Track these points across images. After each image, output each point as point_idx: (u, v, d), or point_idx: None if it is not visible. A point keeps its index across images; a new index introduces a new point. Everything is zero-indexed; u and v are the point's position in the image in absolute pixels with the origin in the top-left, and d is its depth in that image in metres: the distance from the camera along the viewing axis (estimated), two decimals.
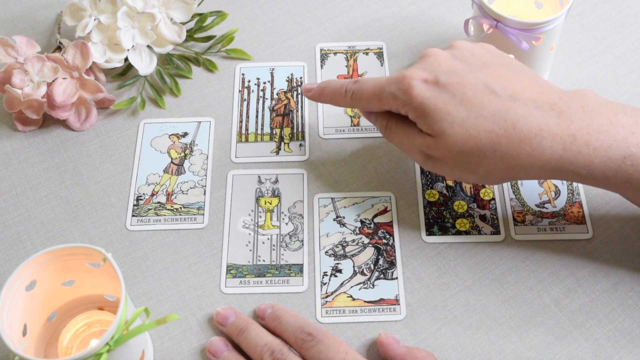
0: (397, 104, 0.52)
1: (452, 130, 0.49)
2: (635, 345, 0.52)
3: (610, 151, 0.47)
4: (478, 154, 0.49)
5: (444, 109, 0.49)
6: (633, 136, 0.47)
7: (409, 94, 0.50)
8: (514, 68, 0.51)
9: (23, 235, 0.58)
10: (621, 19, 0.70)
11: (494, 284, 0.55)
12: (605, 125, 0.47)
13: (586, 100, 0.49)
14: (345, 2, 0.73)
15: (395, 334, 0.53)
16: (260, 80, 0.67)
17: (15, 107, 0.63)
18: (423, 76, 0.51)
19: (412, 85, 0.50)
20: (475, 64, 0.52)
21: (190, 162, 0.62)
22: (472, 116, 0.49)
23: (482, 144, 0.49)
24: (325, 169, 0.61)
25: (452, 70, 0.51)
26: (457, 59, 0.52)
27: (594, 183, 0.49)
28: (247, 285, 0.55)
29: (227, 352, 0.51)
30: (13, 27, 0.72)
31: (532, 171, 0.49)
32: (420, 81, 0.51)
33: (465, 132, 0.49)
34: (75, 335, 0.51)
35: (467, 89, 0.49)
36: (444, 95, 0.50)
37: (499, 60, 0.52)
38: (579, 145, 0.47)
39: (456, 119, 0.49)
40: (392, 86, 0.52)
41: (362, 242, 0.57)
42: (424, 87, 0.50)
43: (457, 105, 0.49)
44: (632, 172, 0.47)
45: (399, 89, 0.51)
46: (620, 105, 0.49)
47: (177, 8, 0.67)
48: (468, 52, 0.53)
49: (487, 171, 0.50)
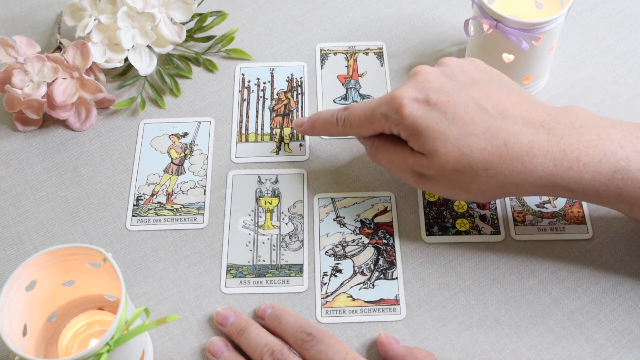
0: (389, 125, 0.52)
1: (444, 149, 0.49)
2: (635, 345, 0.52)
3: (600, 166, 0.47)
4: (470, 172, 0.49)
5: (436, 127, 0.49)
6: (622, 150, 0.47)
7: (400, 113, 0.50)
8: (503, 85, 0.52)
9: (23, 235, 0.58)
10: (621, 19, 0.70)
11: (494, 284, 0.55)
12: (594, 140, 0.48)
13: (575, 116, 0.49)
14: (345, 2, 0.73)
15: (395, 334, 0.53)
16: (260, 80, 0.67)
17: (15, 107, 0.63)
18: (413, 95, 0.51)
19: (402, 104, 0.50)
20: (465, 81, 0.52)
21: (190, 162, 0.62)
22: (464, 134, 0.49)
23: (474, 163, 0.49)
24: (325, 169, 0.61)
25: (442, 89, 0.51)
26: (447, 77, 0.52)
27: (586, 198, 0.49)
28: (247, 285, 0.55)
29: (227, 352, 0.51)
30: (13, 27, 0.72)
31: (524, 188, 0.49)
32: (410, 100, 0.51)
33: (457, 151, 0.49)
34: (75, 335, 0.51)
35: (458, 108, 0.50)
36: (435, 114, 0.50)
37: (489, 77, 0.52)
38: (570, 161, 0.48)
39: (448, 138, 0.49)
40: (383, 107, 0.52)
41: (362, 242, 0.57)
42: (414, 106, 0.50)
43: (449, 123, 0.49)
44: (623, 186, 0.48)
45: (390, 109, 0.51)
46: (609, 119, 0.49)
47: (177, 8, 0.67)
48: (457, 69, 0.53)
49: (479, 189, 0.50)
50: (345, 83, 0.67)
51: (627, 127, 0.49)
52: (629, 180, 0.47)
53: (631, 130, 0.49)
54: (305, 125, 0.59)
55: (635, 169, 0.47)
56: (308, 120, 0.59)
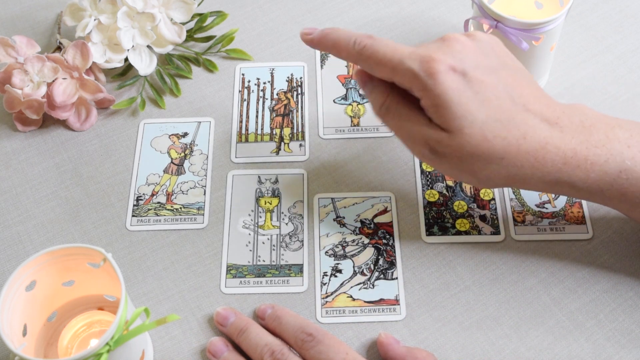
0: (414, 83, 0.47)
1: (470, 129, 0.47)
2: (635, 345, 0.52)
3: (607, 165, 0.47)
4: (486, 158, 0.48)
5: (466, 106, 0.46)
6: (629, 150, 0.47)
7: (435, 78, 0.46)
8: (525, 75, 0.50)
9: (23, 235, 0.58)
10: (621, 19, 0.70)
11: (494, 284, 0.55)
12: (602, 140, 0.48)
13: (584, 115, 0.49)
14: (345, 2, 0.73)
15: (395, 334, 0.53)
16: (260, 81, 0.67)
17: (15, 107, 0.63)
18: (452, 63, 0.47)
19: (438, 70, 0.46)
20: (496, 63, 0.49)
21: (190, 162, 0.62)
22: (490, 119, 0.47)
23: (493, 150, 0.47)
24: (325, 169, 0.61)
25: (479, 65, 0.48)
26: (482, 53, 0.49)
27: (589, 197, 0.49)
28: (247, 285, 0.55)
29: (228, 353, 0.51)
30: (13, 27, 0.72)
31: (531, 182, 0.49)
32: (448, 67, 0.47)
33: (481, 135, 0.47)
34: (75, 335, 0.51)
35: (490, 90, 0.47)
36: (468, 91, 0.47)
37: (513, 64, 0.50)
38: (578, 160, 0.47)
39: (476, 119, 0.47)
40: (415, 63, 0.47)
41: (362, 242, 0.57)
42: (451, 75, 0.47)
43: (479, 105, 0.47)
44: (627, 186, 0.48)
45: (422, 69, 0.47)
46: (615, 119, 0.49)
47: (177, 8, 0.67)
48: (489, 47, 0.50)
49: (488, 176, 0.49)
50: (345, 83, 0.67)
51: (633, 127, 0.49)
52: (634, 180, 0.47)
53: (637, 130, 0.49)
54: (316, 34, 0.53)
55: None
56: (320, 31, 0.53)
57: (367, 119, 0.64)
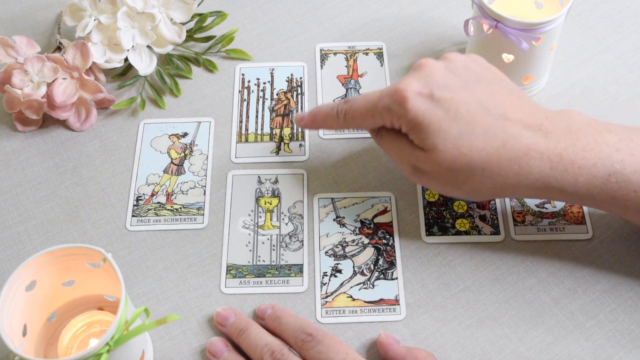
0: (391, 117, 0.51)
1: (444, 146, 0.49)
2: (635, 346, 0.52)
3: (595, 169, 0.48)
4: (467, 171, 0.49)
5: (438, 124, 0.49)
6: (617, 153, 0.48)
7: (404, 106, 0.50)
8: (504, 86, 0.52)
9: (23, 236, 0.58)
10: (621, 19, 0.70)
11: (494, 284, 0.55)
12: (590, 143, 0.48)
13: (572, 120, 0.50)
14: (345, 2, 0.73)
15: (395, 334, 0.53)
16: (260, 81, 0.67)
17: (15, 107, 0.63)
18: (418, 89, 0.50)
19: (406, 97, 0.50)
20: (468, 79, 0.51)
21: (190, 162, 0.62)
22: (465, 134, 0.49)
23: (472, 162, 0.49)
24: (325, 169, 0.61)
25: (447, 85, 0.50)
26: (452, 73, 0.52)
27: (580, 201, 0.50)
28: (247, 285, 0.55)
29: (228, 353, 0.51)
30: (13, 27, 0.72)
31: (519, 189, 0.50)
32: (415, 93, 0.50)
33: (457, 150, 0.49)
34: (75, 335, 0.51)
35: (461, 106, 0.49)
36: (438, 111, 0.49)
37: (491, 77, 0.52)
38: (565, 164, 0.48)
39: (449, 136, 0.49)
40: (386, 99, 0.51)
41: (362, 242, 0.57)
42: (418, 99, 0.50)
43: (451, 121, 0.49)
44: (617, 189, 0.48)
45: (393, 102, 0.50)
46: (604, 123, 0.50)
47: (177, 8, 0.67)
48: (461, 65, 0.52)
49: (474, 188, 0.50)
50: (345, 83, 0.67)
51: (622, 131, 0.49)
52: (623, 183, 0.48)
53: (626, 134, 0.49)
54: (306, 119, 0.58)
55: (630, 172, 0.47)
56: (308, 114, 0.58)
57: None
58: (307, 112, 0.59)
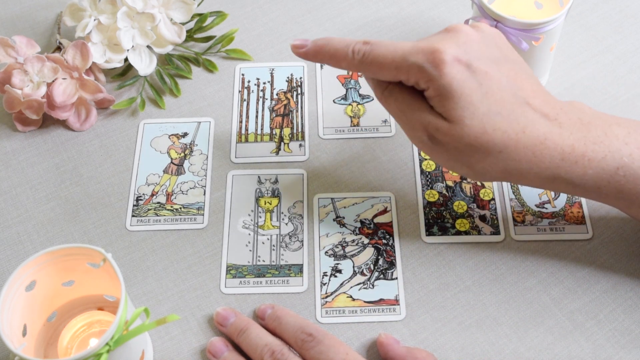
0: (420, 76, 0.48)
1: (471, 121, 0.47)
2: (635, 346, 0.52)
3: (604, 162, 0.48)
4: (485, 150, 0.48)
5: (470, 97, 0.47)
6: (626, 147, 0.48)
7: (440, 69, 0.47)
8: (525, 69, 0.50)
9: (23, 235, 0.58)
10: (621, 19, 0.70)
11: (494, 284, 0.55)
12: (600, 136, 0.48)
13: (582, 112, 0.49)
14: (345, 2, 0.73)
15: (395, 334, 0.53)
16: (260, 81, 0.67)
17: (15, 107, 0.63)
18: (457, 54, 0.47)
19: (444, 60, 0.47)
20: (498, 56, 0.49)
21: (190, 162, 0.62)
22: (492, 112, 0.47)
23: (492, 142, 0.47)
24: (325, 169, 0.61)
25: (483, 57, 0.48)
26: (487, 45, 0.49)
27: (586, 193, 0.50)
28: (247, 285, 0.55)
29: (228, 353, 0.51)
30: (13, 27, 0.72)
31: (527, 177, 0.49)
32: (453, 58, 0.47)
33: (481, 127, 0.47)
34: (75, 335, 0.51)
35: (493, 83, 0.48)
36: (472, 82, 0.47)
37: (515, 57, 0.51)
38: (576, 156, 0.48)
39: (477, 111, 0.47)
40: (419, 56, 0.47)
41: (362, 242, 0.57)
42: (455, 66, 0.47)
43: (482, 97, 0.47)
44: (624, 183, 0.48)
45: (427, 61, 0.47)
46: (613, 117, 0.50)
47: (177, 8, 0.67)
48: (492, 40, 0.50)
49: (484, 169, 0.49)
50: (345, 83, 0.67)
51: (631, 125, 0.49)
52: (631, 177, 0.48)
53: (635, 128, 0.49)
54: (309, 47, 0.52)
55: (638, 165, 0.47)
56: (313, 43, 0.52)
57: (367, 119, 0.64)
58: (311, 40, 0.53)
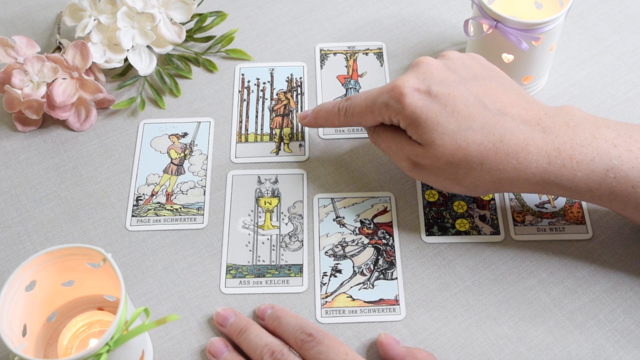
0: (389, 113, 0.52)
1: (441, 141, 0.50)
2: (635, 346, 0.52)
3: (593, 164, 0.48)
4: (465, 165, 0.50)
5: (435, 119, 0.50)
6: (615, 149, 0.48)
7: (401, 102, 0.51)
8: (502, 82, 0.52)
9: (23, 235, 0.58)
10: (621, 19, 0.70)
11: (494, 284, 0.55)
12: (588, 139, 0.49)
13: (570, 116, 0.50)
14: (345, 2, 0.73)
15: (395, 334, 0.53)
16: (260, 81, 0.67)
17: (15, 107, 0.63)
18: (415, 85, 0.51)
19: (404, 93, 0.51)
20: (466, 75, 0.52)
21: (190, 162, 0.62)
22: (462, 128, 0.49)
23: (470, 156, 0.49)
24: (325, 169, 0.61)
25: (444, 81, 0.51)
26: (449, 70, 0.53)
27: (579, 196, 0.50)
28: (247, 285, 0.55)
29: (227, 353, 0.51)
30: (13, 27, 0.72)
31: (517, 184, 0.50)
32: (412, 89, 0.51)
33: (454, 144, 0.50)
34: (75, 335, 0.51)
35: (458, 101, 0.50)
36: (435, 106, 0.50)
37: (489, 74, 0.53)
38: (563, 159, 0.48)
39: (446, 130, 0.50)
40: (384, 96, 0.52)
41: (362, 242, 0.57)
42: (416, 95, 0.51)
43: (448, 116, 0.50)
44: (615, 185, 0.48)
45: (391, 98, 0.52)
46: (603, 119, 0.50)
47: (177, 8, 0.67)
48: (459, 63, 0.53)
49: (473, 183, 0.51)
50: (345, 83, 0.67)
51: (620, 127, 0.50)
52: (621, 179, 0.48)
53: (624, 130, 0.49)
54: (309, 117, 0.59)
55: (628, 167, 0.48)
56: (312, 112, 0.59)
57: None
58: (310, 110, 0.60)
